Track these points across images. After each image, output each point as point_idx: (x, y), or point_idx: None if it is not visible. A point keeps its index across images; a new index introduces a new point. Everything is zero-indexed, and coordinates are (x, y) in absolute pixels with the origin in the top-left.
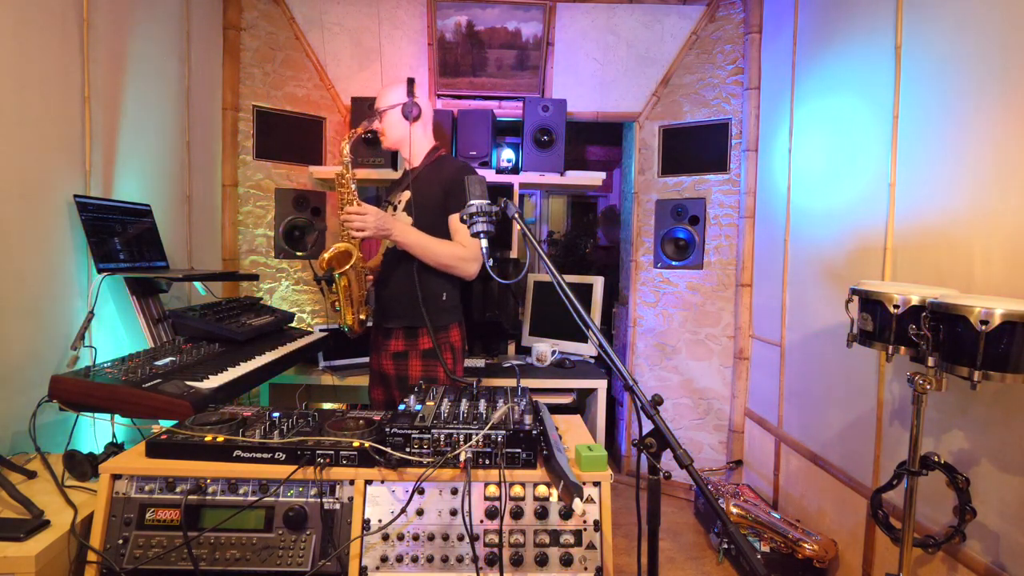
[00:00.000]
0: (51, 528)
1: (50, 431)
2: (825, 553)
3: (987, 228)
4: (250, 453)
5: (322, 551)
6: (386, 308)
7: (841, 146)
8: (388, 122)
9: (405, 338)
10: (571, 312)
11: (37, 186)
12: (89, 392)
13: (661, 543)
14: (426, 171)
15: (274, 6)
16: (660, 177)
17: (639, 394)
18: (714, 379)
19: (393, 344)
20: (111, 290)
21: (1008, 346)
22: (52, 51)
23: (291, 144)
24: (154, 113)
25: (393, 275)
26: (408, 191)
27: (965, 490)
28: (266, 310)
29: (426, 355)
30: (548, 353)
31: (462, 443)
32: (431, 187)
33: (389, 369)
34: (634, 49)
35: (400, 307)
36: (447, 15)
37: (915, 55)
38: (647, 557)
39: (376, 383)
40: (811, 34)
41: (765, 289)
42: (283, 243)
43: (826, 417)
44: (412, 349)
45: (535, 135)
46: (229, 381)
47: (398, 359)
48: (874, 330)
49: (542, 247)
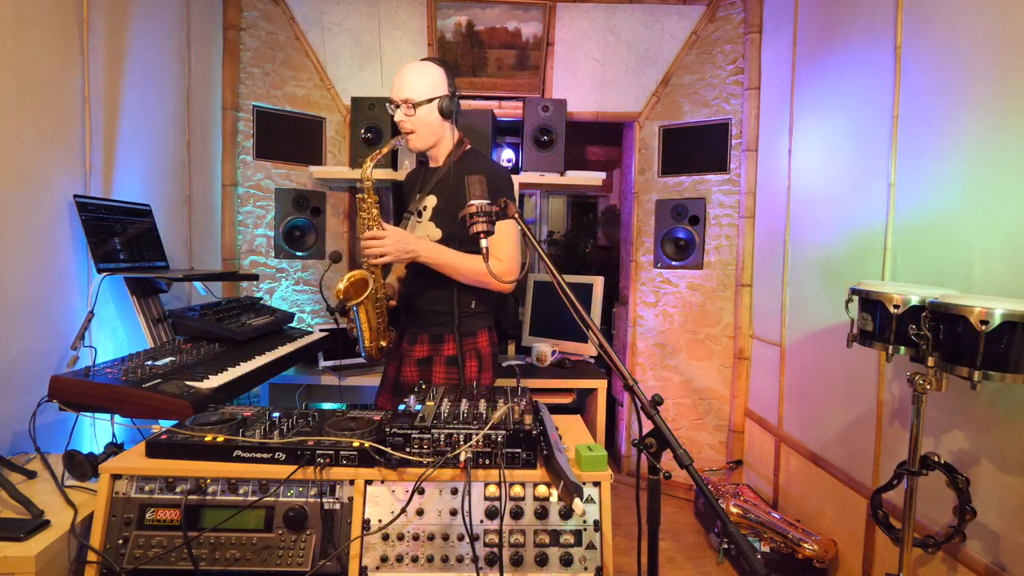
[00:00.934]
0: (51, 528)
1: (50, 431)
2: (825, 553)
3: (987, 228)
4: (250, 453)
5: (322, 551)
6: (413, 314)
7: (841, 146)
8: (420, 120)
9: (431, 343)
10: (571, 312)
11: (37, 186)
12: (89, 392)
13: (661, 543)
14: (453, 170)
15: (274, 6)
16: (660, 177)
17: (639, 394)
18: (714, 379)
19: (418, 350)
20: (111, 290)
21: (1008, 346)
22: (52, 51)
23: (291, 144)
24: (154, 113)
25: (420, 281)
26: (433, 196)
27: (965, 490)
28: (266, 310)
29: (450, 362)
30: (548, 353)
31: (462, 443)
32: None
33: (411, 376)
34: (634, 49)
35: (427, 314)
36: (447, 15)
37: (915, 55)
38: (647, 557)
39: (388, 390)
40: (811, 34)
41: (765, 289)
42: (283, 243)
43: (826, 417)
44: (437, 355)
45: (535, 135)
46: (229, 381)
47: (422, 365)
48: (874, 330)
49: (542, 247)
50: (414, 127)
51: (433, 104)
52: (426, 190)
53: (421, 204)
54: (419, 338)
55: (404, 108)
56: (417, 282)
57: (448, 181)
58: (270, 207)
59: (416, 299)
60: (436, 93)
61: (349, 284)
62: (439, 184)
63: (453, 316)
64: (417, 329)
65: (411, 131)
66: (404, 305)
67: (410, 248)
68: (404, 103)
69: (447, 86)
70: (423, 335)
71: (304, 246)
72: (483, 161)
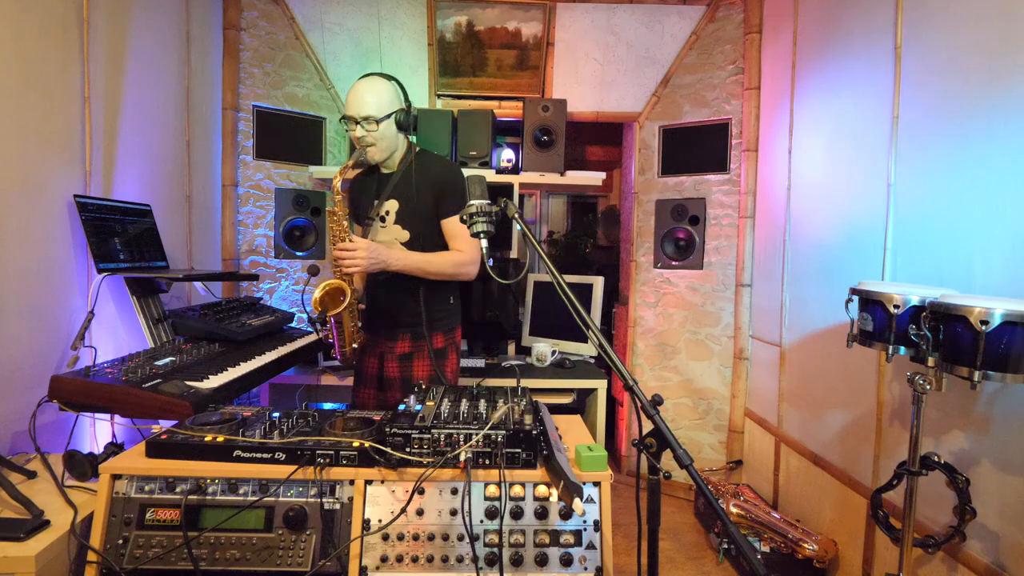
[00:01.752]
0: (51, 528)
1: (50, 431)
2: (825, 553)
3: (987, 228)
4: (250, 453)
5: (322, 551)
6: (391, 315)
7: (841, 146)
8: (381, 134)
9: (412, 340)
10: (571, 312)
11: (37, 186)
12: (89, 392)
13: (661, 543)
14: (407, 173)
15: (274, 6)
16: (660, 177)
17: (639, 394)
18: (714, 379)
19: (399, 346)
20: (111, 290)
21: (1008, 346)
22: (52, 51)
23: (291, 144)
24: (154, 113)
25: (397, 282)
26: (394, 200)
27: (965, 490)
28: (266, 310)
29: (435, 355)
30: (548, 353)
31: (462, 443)
32: (421, 192)
33: (393, 372)
34: (634, 49)
35: (408, 315)
36: (447, 15)
37: (915, 55)
38: (647, 557)
39: (371, 385)
40: (811, 34)
41: (765, 289)
42: (283, 243)
43: (826, 417)
44: (418, 351)
45: (535, 135)
46: (229, 381)
47: (403, 361)
48: (874, 330)
49: (542, 247)
50: (374, 141)
51: (391, 119)
52: (384, 195)
53: (382, 209)
54: (399, 335)
55: (365, 124)
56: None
57: (409, 184)
58: (270, 207)
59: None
60: (393, 108)
61: (324, 293)
62: (397, 188)
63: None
64: (397, 327)
65: (371, 144)
66: (381, 304)
67: (381, 259)
68: (365, 120)
69: (401, 100)
70: (404, 333)
71: (304, 246)
72: (436, 161)
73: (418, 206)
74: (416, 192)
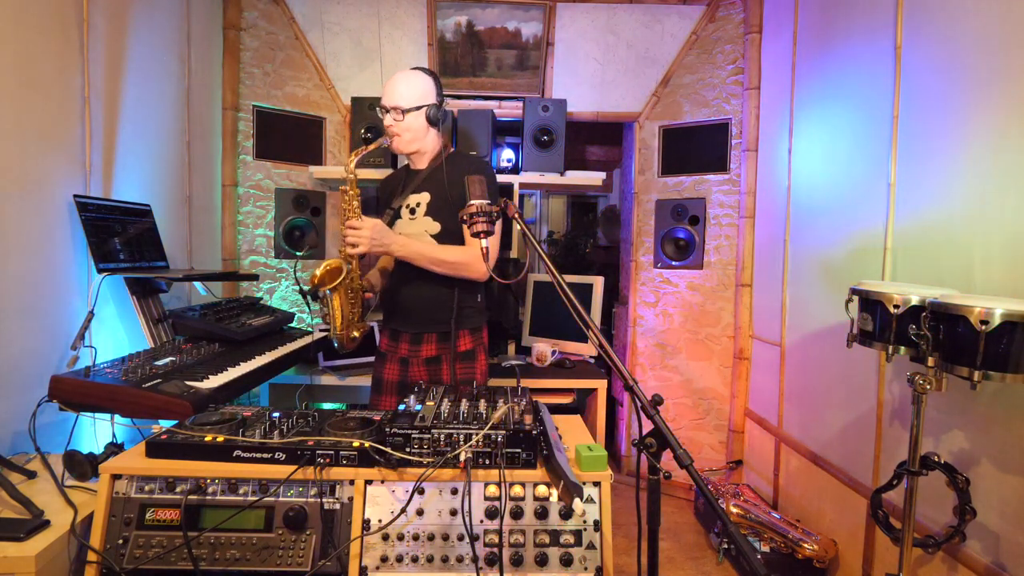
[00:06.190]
0: (51, 528)
1: (50, 431)
2: (825, 553)
3: (987, 228)
4: (250, 453)
5: (322, 551)
6: (417, 314)
7: (841, 146)
8: (407, 125)
9: (438, 342)
10: (571, 312)
11: (37, 186)
12: (89, 392)
13: (661, 543)
14: (439, 170)
15: (274, 6)
16: (660, 177)
17: (639, 394)
18: (714, 379)
19: (425, 349)
20: (111, 290)
21: (1008, 346)
22: (52, 51)
23: (291, 144)
24: (154, 113)
25: (424, 279)
26: (426, 193)
27: (965, 490)
28: (266, 310)
29: (464, 358)
30: (548, 353)
31: (462, 443)
32: (453, 184)
33: (419, 376)
34: (634, 49)
35: (437, 312)
36: (447, 15)
37: (915, 55)
38: (647, 557)
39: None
40: (811, 34)
41: (765, 289)
42: (283, 243)
43: (826, 417)
44: (446, 353)
45: (535, 135)
46: (229, 381)
47: (431, 364)
48: (874, 330)
49: (542, 247)
50: (399, 131)
51: (421, 111)
52: (412, 188)
53: (413, 201)
54: (424, 338)
55: (393, 114)
56: (421, 281)
57: (441, 178)
58: (270, 207)
59: (421, 297)
60: (424, 102)
61: (325, 271)
62: (428, 181)
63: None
64: (422, 330)
65: (397, 134)
66: (401, 305)
67: (385, 241)
68: (394, 109)
69: (436, 95)
70: (429, 335)
71: (304, 246)
72: (467, 158)
73: (450, 198)
74: (448, 184)
